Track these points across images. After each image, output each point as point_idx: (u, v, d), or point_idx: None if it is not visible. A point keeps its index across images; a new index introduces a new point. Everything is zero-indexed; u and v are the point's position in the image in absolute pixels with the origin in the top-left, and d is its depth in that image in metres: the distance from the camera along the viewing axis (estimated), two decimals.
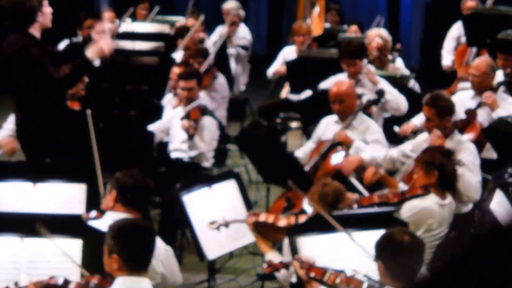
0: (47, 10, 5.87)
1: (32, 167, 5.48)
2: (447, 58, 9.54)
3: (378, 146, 6.45)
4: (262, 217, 4.97)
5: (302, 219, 4.92)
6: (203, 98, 7.92)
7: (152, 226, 4.12)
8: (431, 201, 5.33)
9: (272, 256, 4.80)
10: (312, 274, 4.19)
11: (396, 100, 7.10)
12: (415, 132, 6.90)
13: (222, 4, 10.41)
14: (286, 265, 4.43)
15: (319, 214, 4.70)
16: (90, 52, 5.74)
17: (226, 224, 5.14)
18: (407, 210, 5.28)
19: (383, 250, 4.02)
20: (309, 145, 6.76)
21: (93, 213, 4.61)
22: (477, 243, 1.87)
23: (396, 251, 3.98)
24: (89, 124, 4.97)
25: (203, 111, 7.17)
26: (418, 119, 6.97)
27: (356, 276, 4.11)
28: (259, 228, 4.96)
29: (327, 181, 5.10)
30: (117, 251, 3.92)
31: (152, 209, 6.83)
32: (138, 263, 3.94)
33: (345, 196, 5.02)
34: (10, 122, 6.65)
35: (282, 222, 4.91)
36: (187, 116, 7.05)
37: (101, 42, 5.76)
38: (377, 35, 8.22)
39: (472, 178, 5.81)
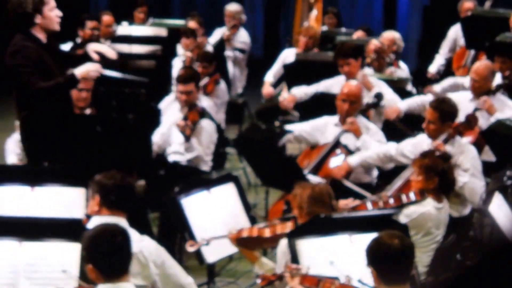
0: (50, 13, 5.76)
1: (30, 171, 5.45)
2: (435, 63, 9.44)
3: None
4: (245, 233, 4.90)
5: (288, 226, 4.83)
6: (208, 104, 7.89)
7: (125, 229, 4.00)
8: (429, 205, 5.32)
9: (261, 266, 4.79)
10: (306, 284, 4.15)
11: (394, 104, 7.08)
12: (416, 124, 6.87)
13: (226, 6, 10.36)
14: (279, 277, 4.38)
15: (317, 217, 4.68)
16: (77, 71, 5.77)
17: (207, 243, 5.06)
18: (406, 216, 5.27)
19: (373, 256, 3.97)
20: (300, 126, 6.75)
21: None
22: (485, 259, 1.86)
23: (386, 255, 3.93)
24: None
25: (201, 113, 7.15)
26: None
27: (351, 282, 4.09)
28: (244, 242, 4.89)
29: (312, 184, 5.05)
30: (90, 261, 3.88)
31: (150, 212, 6.82)
32: (112, 270, 3.88)
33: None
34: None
35: (267, 232, 4.85)
36: (185, 118, 7.04)
37: (89, 66, 5.79)
38: (389, 38, 8.26)
39: (476, 184, 5.82)
